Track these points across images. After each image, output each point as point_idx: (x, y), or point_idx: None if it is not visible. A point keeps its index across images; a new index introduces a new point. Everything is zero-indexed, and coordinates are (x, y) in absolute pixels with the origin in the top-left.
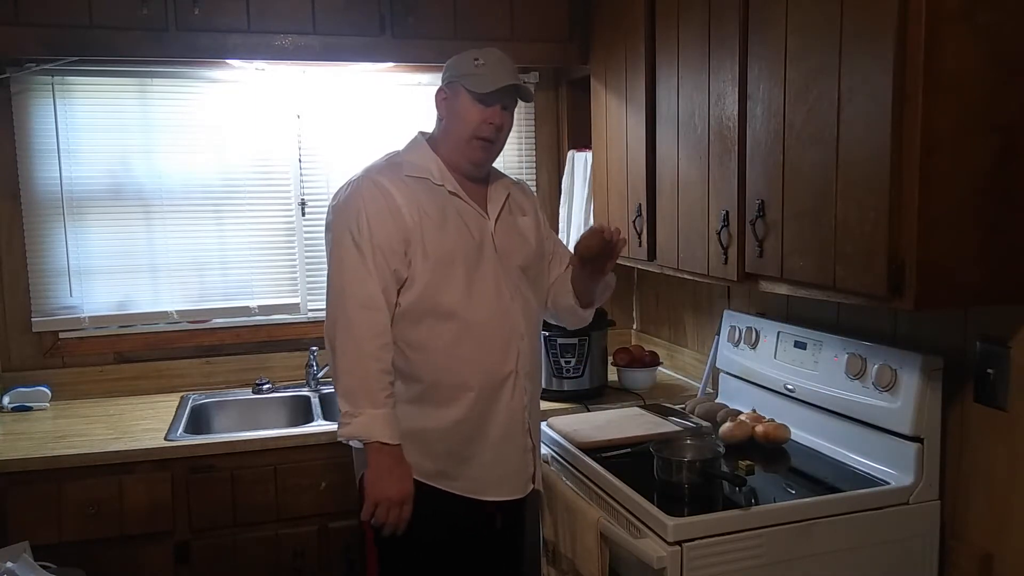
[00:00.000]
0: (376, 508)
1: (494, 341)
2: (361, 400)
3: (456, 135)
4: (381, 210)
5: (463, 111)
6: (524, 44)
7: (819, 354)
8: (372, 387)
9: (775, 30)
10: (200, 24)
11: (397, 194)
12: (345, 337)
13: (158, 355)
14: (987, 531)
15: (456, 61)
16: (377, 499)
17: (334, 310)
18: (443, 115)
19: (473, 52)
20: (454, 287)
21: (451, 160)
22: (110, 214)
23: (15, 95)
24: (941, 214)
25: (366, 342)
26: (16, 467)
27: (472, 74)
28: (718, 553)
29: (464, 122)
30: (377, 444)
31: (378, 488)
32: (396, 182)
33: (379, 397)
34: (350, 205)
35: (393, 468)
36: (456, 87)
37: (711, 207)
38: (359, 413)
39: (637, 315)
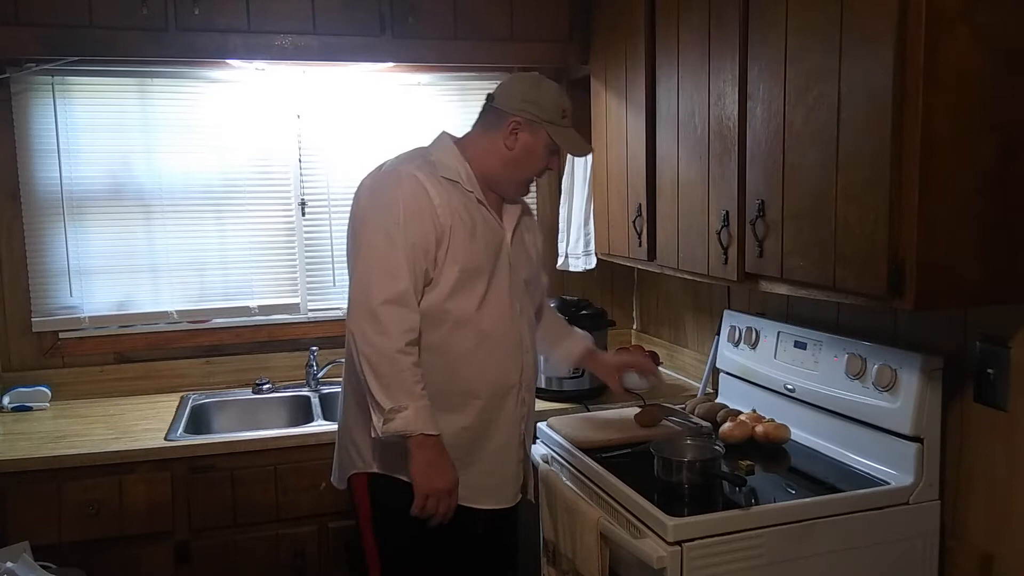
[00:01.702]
0: (427, 500)
1: (504, 352)
2: (400, 394)
3: (519, 170)
4: (420, 207)
5: (537, 154)
6: (524, 44)
7: (819, 354)
8: (407, 380)
9: (775, 30)
10: (200, 24)
11: (434, 193)
12: (374, 332)
13: (158, 355)
14: (987, 531)
15: (543, 101)
16: (428, 491)
17: (358, 303)
18: (511, 146)
19: (561, 98)
20: (474, 295)
21: (491, 179)
22: (110, 214)
23: (15, 95)
24: (941, 214)
25: (396, 338)
26: (16, 467)
27: (560, 125)
28: (718, 553)
29: (533, 164)
30: (421, 436)
31: (429, 480)
32: (433, 181)
33: (416, 390)
34: (389, 195)
35: (439, 458)
36: (538, 128)
37: (711, 207)
38: (402, 407)
39: (637, 315)
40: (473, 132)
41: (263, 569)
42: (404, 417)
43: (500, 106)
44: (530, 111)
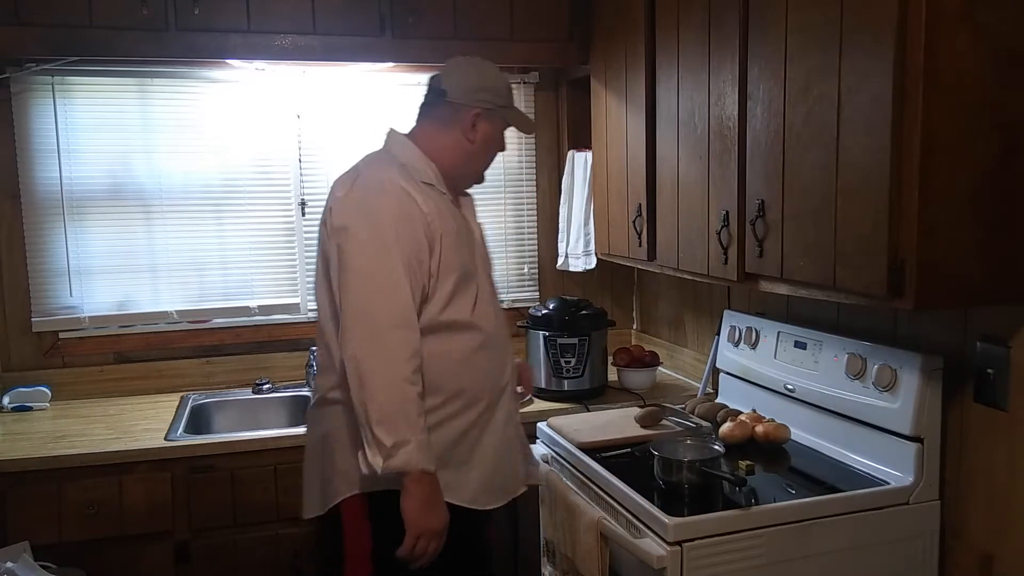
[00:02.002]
0: (418, 540)
1: (498, 351)
2: (402, 428)
3: (481, 161)
4: (412, 218)
5: (496, 142)
6: (524, 44)
7: (819, 354)
8: (411, 413)
9: (775, 30)
10: (200, 24)
11: (422, 202)
12: (378, 360)
13: (158, 355)
14: (987, 531)
15: (491, 85)
16: (422, 531)
17: (360, 327)
18: (472, 140)
19: (503, 76)
20: (468, 299)
21: (452, 173)
22: (110, 214)
23: (15, 95)
24: (941, 214)
25: (402, 365)
26: (16, 467)
27: (511, 109)
28: (718, 553)
29: (493, 152)
30: (419, 473)
31: (424, 520)
32: (416, 188)
33: (419, 423)
34: (379, 209)
35: (434, 497)
36: (496, 116)
37: (711, 207)
38: (405, 442)
39: (637, 315)
40: (426, 128)
41: (263, 569)
42: (407, 452)
43: (456, 100)
44: (488, 100)
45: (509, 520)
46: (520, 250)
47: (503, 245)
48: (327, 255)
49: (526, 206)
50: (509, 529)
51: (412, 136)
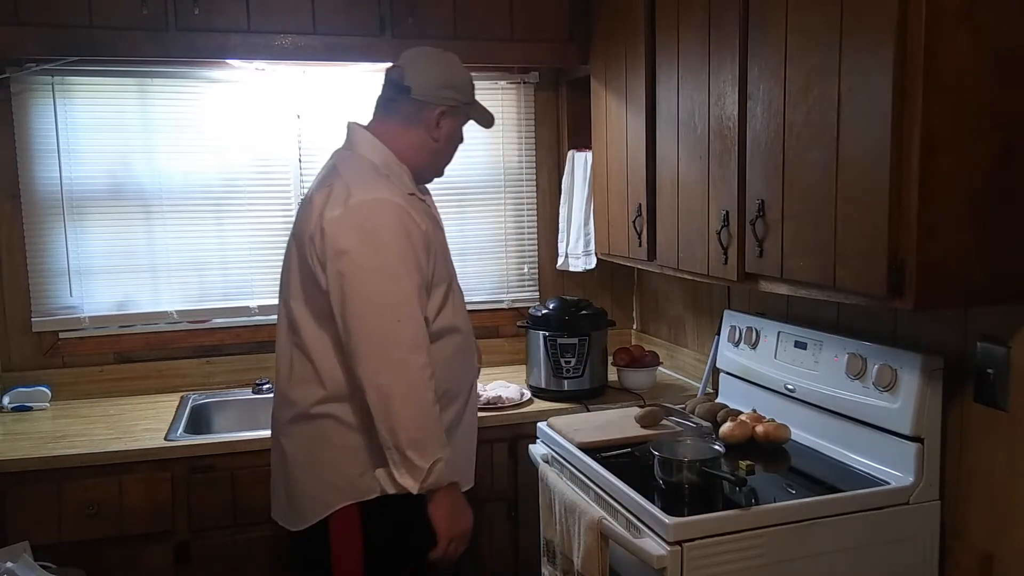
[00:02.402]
0: (449, 545)
1: (472, 348)
2: (435, 449)
3: (445, 157)
4: (411, 237)
5: (458, 137)
6: (524, 44)
7: (819, 354)
8: (438, 432)
9: (775, 30)
10: (200, 24)
11: (416, 216)
12: (404, 387)
13: (158, 355)
14: (987, 531)
15: (456, 82)
16: (453, 536)
17: (383, 356)
18: (436, 137)
19: (465, 72)
20: (451, 303)
21: (418, 170)
22: (110, 214)
23: (15, 95)
24: (941, 214)
25: (426, 388)
26: (16, 467)
27: (473, 104)
28: (718, 553)
29: (453, 145)
30: (448, 484)
31: (456, 525)
32: (407, 201)
33: (444, 438)
34: (379, 232)
35: (462, 503)
36: (459, 112)
37: (711, 207)
38: (437, 459)
39: (637, 315)
40: (390, 125)
41: (263, 569)
42: (439, 471)
43: (420, 97)
44: (453, 98)
45: (509, 520)
46: (520, 250)
47: (503, 245)
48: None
49: (526, 206)
50: (509, 529)
51: (376, 133)
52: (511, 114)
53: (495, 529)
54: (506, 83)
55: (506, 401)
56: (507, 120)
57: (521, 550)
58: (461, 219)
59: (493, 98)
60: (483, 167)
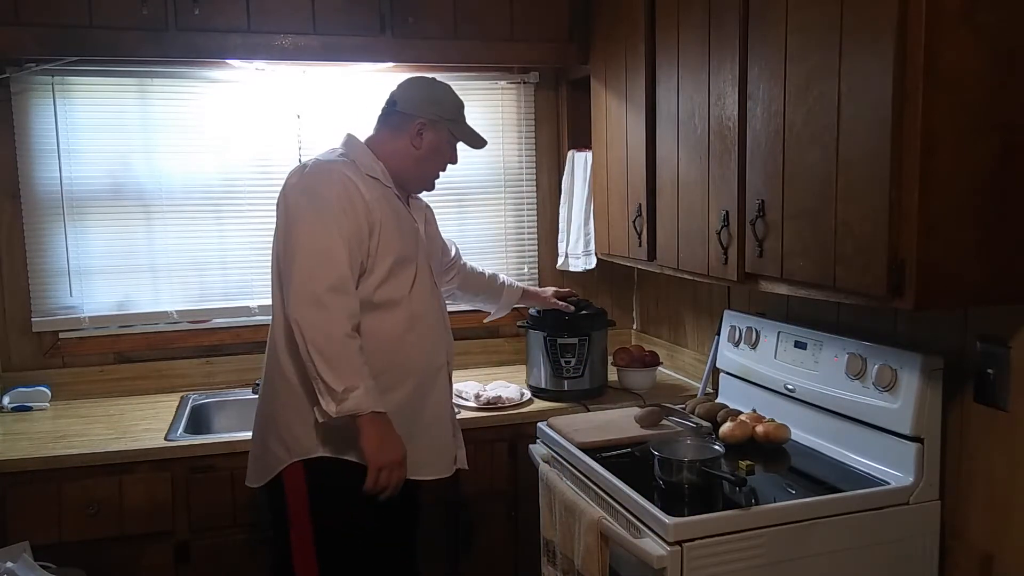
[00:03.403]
0: (380, 473)
1: (433, 333)
2: (350, 375)
3: (429, 167)
4: (353, 200)
5: (444, 153)
6: (524, 44)
7: (819, 354)
8: (356, 362)
9: (775, 30)
10: (200, 24)
11: (364, 189)
12: (317, 318)
13: (158, 355)
14: (987, 531)
15: (440, 99)
16: (382, 464)
17: (301, 292)
18: (418, 146)
19: (454, 94)
20: (404, 282)
21: (401, 177)
22: (110, 214)
23: (15, 95)
24: (941, 214)
25: (342, 323)
26: (16, 467)
27: (461, 121)
28: (718, 553)
29: (440, 162)
30: (371, 414)
31: (382, 453)
32: (360, 177)
33: (364, 371)
34: (323, 191)
35: (389, 432)
36: (441, 128)
37: (711, 207)
38: (354, 387)
39: (637, 315)
40: (379, 135)
41: (263, 569)
42: (356, 397)
43: (404, 110)
44: (434, 112)
45: (509, 520)
46: (520, 250)
47: (503, 245)
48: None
49: (526, 206)
50: (509, 529)
51: (367, 140)
52: (511, 114)
53: (495, 529)
54: (506, 83)
55: (506, 401)
56: (507, 120)
57: (521, 550)
58: (461, 219)
59: (493, 98)
60: (483, 167)
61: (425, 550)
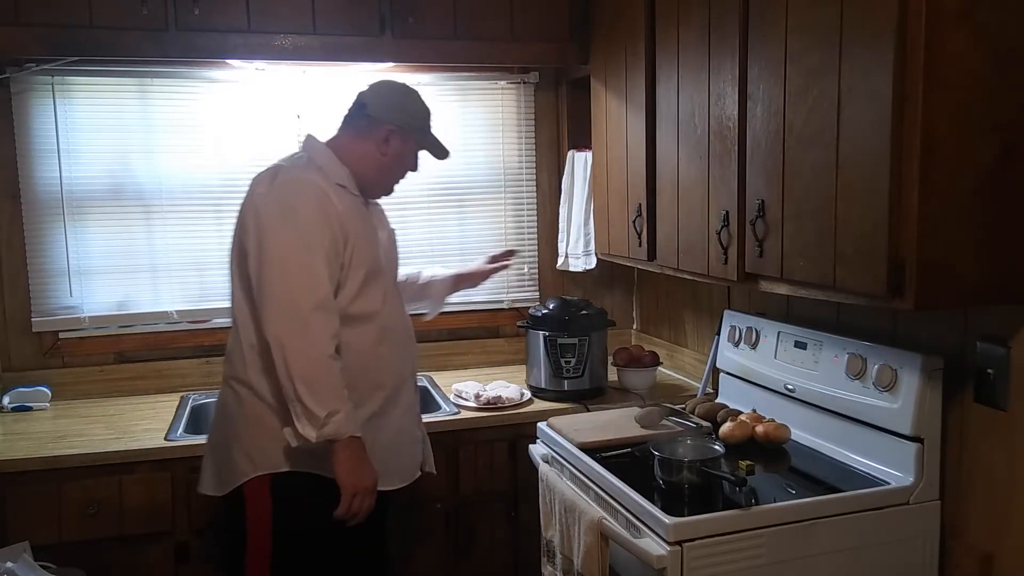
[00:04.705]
0: (353, 499)
1: (401, 344)
2: (332, 399)
3: (391, 174)
4: (327, 213)
5: (408, 161)
6: (524, 44)
7: (819, 354)
8: (336, 386)
9: (775, 30)
10: (200, 24)
11: (336, 200)
12: (302, 340)
13: (158, 355)
14: (987, 531)
15: (410, 107)
16: (356, 490)
17: (283, 312)
18: (384, 152)
19: (424, 104)
20: (376, 294)
21: (364, 182)
22: (110, 214)
23: (15, 95)
24: (941, 214)
25: (325, 344)
26: (16, 467)
27: (427, 131)
28: (718, 553)
29: (403, 169)
30: (349, 439)
31: (356, 479)
32: (331, 187)
33: (344, 394)
34: (296, 203)
35: (363, 458)
36: (408, 137)
37: (711, 207)
38: (336, 411)
39: (637, 315)
40: (344, 137)
41: None
42: (337, 421)
43: (374, 114)
44: (403, 119)
45: (509, 520)
46: (520, 250)
47: (503, 245)
48: (244, 247)
49: (526, 206)
50: (509, 529)
51: (331, 143)
52: (511, 114)
53: (495, 529)
54: (506, 83)
55: (506, 401)
56: (507, 120)
57: (521, 550)
58: (461, 219)
59: (493, 98)
60: (483, 167)
61: (425, 550)
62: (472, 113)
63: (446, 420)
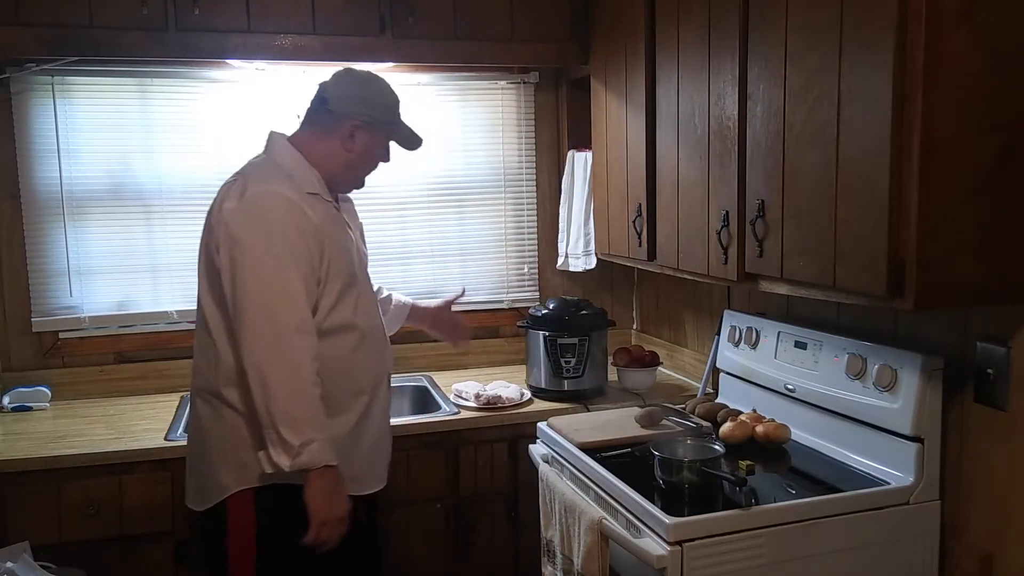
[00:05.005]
0: (322, 528)
1: (378, 346)
2: (308, 428)
3: (360, 170)
4: (302, 228)
5: (377, 154)
6: (524, 44)
7: (819, 354)
8: (315, 413)
9: (775, 30)
10: (200, 24)
11: (311, 212)
12: (283, 365)
13: (158, 355)
14: (987, 531)
15: (374, 99)
16: (325, 519)
17: (263, 336)
18: (350, 149)
19: (390, 93)
20: (351, 301)
21: (331, 179)
22: (110, 214)
23: (15, 95)
24: (941, 214)
25: (305, 369)
26: (16, 467)
27: (395, 125)
28: (718, 553)
29: (372, 162)
30: (323, 468)
31: (327, 509)
32: (302, 199)
33: (321, 421)
34: (270, 220)
35: (337, 488)
36: (376, 130)
37: (711, 207)
38: (311, 441)
39: (637, 315)
40: (308, 134)
41: None
42: (311, 451)
43: (336, 109)
44: (368, 114)
45: (509, 520)
46: (520, 250)
47: (503, 245)
48: (212, 261)
49: (526, 206)
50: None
51: (295, 141)
52: (511, 114)
53: (495, 529)
54: (506, 83)
55: (506, 401)
56: (507, 120)
57: (521, 550)
58: (461, 219)
59: (493, 98)
60: (483, 167)
61: (425, 550)
62: (472, 113)
63: (446, 420)
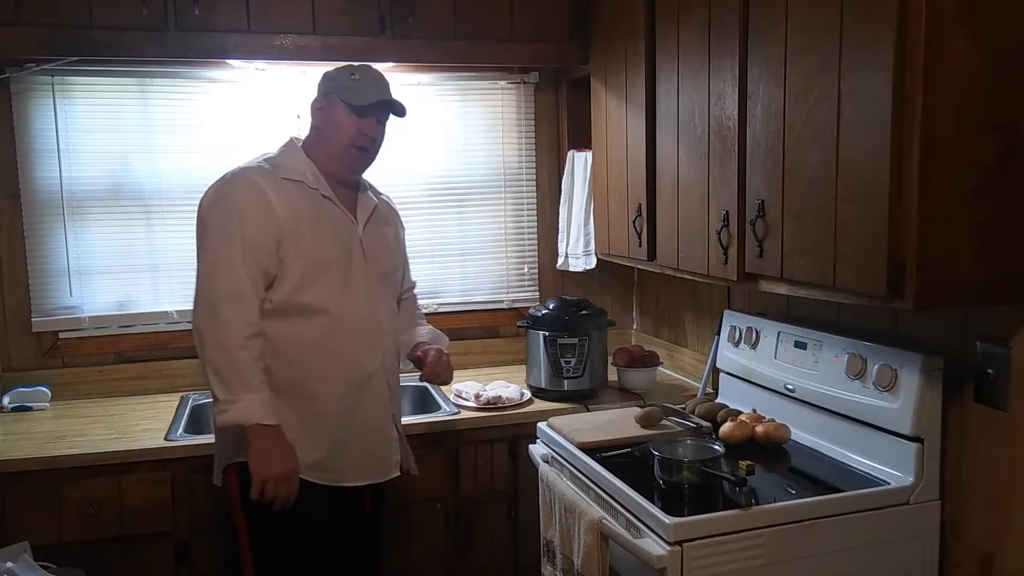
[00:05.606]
0: (265, 485)
1: (362, 339)
2: (236, 387)
3: (333, 143)
4: (256, 208)
5: (341, 121)
6: (524, 44)
7: (819, 354)
8: (244, 373)
9: (775, 30)
10: (200, 24)
11: (273, 194)
12: (213, 327)
13: (158, 355)
14: (987, 531)
15: (333, 74)
16: (264, 476)
17: (201, 300)
18: (319, 124)
19: (350, 68)
20: (326, 287)
21: (326, 166)
22: (110, 214)
23: (15, 95)
24: (941, 214)
25: (233, 332)
26: (16, 467)
27: (348, 87)
28: (718, 553)
29: (340, 132)
30: (256, 426)
31: (264, 466)
32: (272, 183)
33: (253, 382)
34: (225, 201)
35: (275, 446)
36: (332, 99)
37: (711, 207)
38: (237, 399)
39: (637, 315)
40: (308, 133)
41: None
42: (238, 408)
43: (311, 104)
44: (323, 88)
45: (509, 520)
46: (520, 250)
47: (503, 245)
48: None
49: (526, 206)
50: (509, 529)
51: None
52: (511, 114)
53: (495, 529)
54: (506, 83)
55: (506, 401)
56: (507, 120)
57: (521, 550)
58: (461, 219)
59: (493, 98)
60: (483, 167)
61: (425, 550)
62: (472, 113)
63: (446, 420)
